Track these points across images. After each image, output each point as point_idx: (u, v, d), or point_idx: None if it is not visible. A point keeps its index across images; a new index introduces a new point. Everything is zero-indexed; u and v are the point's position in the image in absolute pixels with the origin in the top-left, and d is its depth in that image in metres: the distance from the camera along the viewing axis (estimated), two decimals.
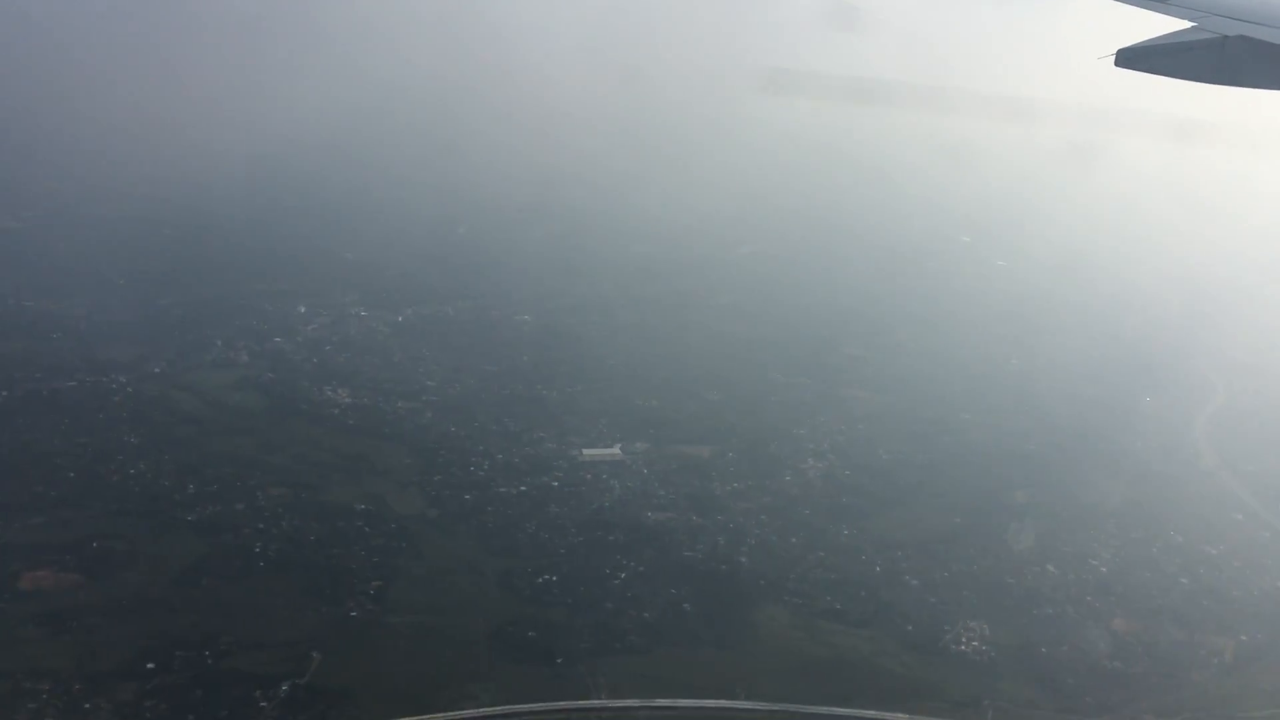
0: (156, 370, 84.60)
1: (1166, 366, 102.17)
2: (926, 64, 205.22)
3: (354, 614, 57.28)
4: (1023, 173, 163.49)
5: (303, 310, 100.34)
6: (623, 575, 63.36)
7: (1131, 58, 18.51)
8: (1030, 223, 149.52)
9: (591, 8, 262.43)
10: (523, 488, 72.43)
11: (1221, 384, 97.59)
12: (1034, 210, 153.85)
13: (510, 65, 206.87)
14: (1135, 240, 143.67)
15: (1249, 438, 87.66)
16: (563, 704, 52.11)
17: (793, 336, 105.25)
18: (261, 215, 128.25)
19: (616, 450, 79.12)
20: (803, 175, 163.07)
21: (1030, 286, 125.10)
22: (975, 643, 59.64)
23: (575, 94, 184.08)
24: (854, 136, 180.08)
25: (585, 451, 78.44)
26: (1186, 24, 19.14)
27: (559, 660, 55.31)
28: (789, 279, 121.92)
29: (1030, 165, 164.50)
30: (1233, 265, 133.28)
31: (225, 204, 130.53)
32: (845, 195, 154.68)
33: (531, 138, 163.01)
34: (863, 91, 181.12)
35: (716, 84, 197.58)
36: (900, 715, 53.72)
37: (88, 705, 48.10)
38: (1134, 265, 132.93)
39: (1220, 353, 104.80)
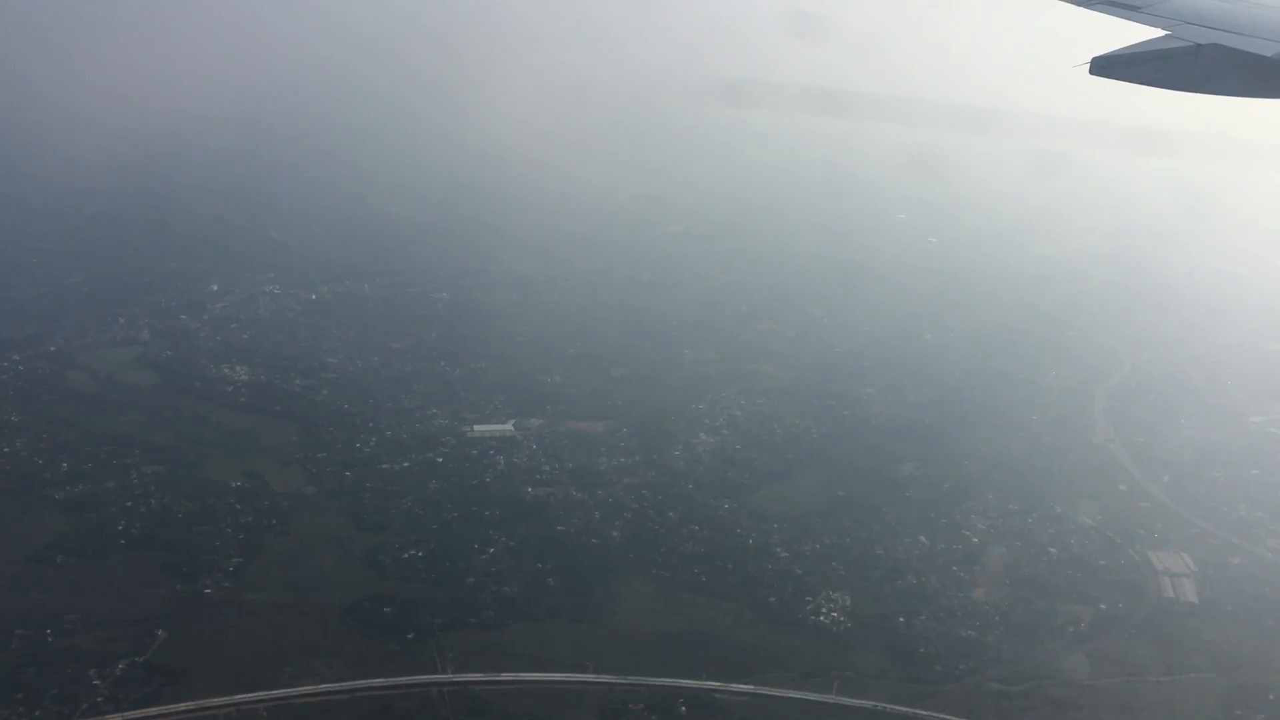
0: (52, 348, 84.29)
1: (1077, 341, 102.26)
2: (887, 71, 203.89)
3: (208, 591, 57.23)
4: (975, 168, 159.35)
5: (215, 288, 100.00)
6: (491, 550, 63.50)
7: (1106, 66, 18.22)
8: (970, 203, 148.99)
9: (552, 17, 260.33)
10: (406, 464, 72.42)
11: (1128, 359, 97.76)
12: (977, 195, 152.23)
13: (466, 65, 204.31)
14: (1069, 222, 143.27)
15: (1145, 411, 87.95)
16: (404, 679, 52.25)
17: (709, 313, 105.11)
18: (185, 194, 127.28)
19: (509, 426, 78.99)
20: (748, 168, 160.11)
21: (957, 262, 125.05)
22: (834, 614, 59.96)
23: (530, 97, 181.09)
24: (807, 137, 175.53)
25: (476, 428, 78.31)
26: (1160, 32, 18.93)
27: (410, 635, 55.43)
28: (714, 257, 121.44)
29: (985, 162, 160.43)
30: (1160, 247, 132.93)
31: (150, 183, 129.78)
32: (786, 181, 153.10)
33: (479, 134, 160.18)
34: (821, 100, 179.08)
35: (673, 93, 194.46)
36: (745, 686, 54.02)
37: None
38: (1064, 244, 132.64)
39: (1131, 329, 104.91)
